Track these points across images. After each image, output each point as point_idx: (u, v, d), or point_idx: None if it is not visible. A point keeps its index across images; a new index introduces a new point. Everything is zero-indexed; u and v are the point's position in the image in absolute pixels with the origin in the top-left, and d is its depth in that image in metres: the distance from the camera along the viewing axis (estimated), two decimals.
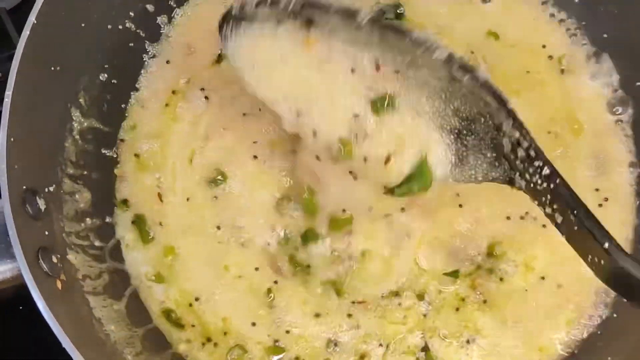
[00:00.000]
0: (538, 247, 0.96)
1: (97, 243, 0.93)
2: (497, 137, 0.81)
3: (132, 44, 1.03)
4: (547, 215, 0.79)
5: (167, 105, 1.03)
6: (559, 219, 0.77)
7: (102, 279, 0.91)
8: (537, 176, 0.78)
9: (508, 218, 0.98)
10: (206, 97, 1.03)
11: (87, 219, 0.93)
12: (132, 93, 1.04)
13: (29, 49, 0.84)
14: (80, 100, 0.95)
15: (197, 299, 0.95)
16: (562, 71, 1.04)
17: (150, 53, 1.05)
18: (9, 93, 0.81)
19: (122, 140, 1.02)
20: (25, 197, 0.82)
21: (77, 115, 0.95)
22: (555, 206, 0.77)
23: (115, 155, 1.01)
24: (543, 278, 0.96)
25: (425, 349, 0.94)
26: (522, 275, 0.96)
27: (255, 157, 1.00)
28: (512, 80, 1.02)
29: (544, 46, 1.06)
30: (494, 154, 0.82)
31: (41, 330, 0.84)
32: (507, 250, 0.96)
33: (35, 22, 0.84)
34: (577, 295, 0.96)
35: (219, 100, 1.04)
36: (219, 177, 0.99)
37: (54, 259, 0.83)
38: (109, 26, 0.99)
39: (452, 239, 0.97)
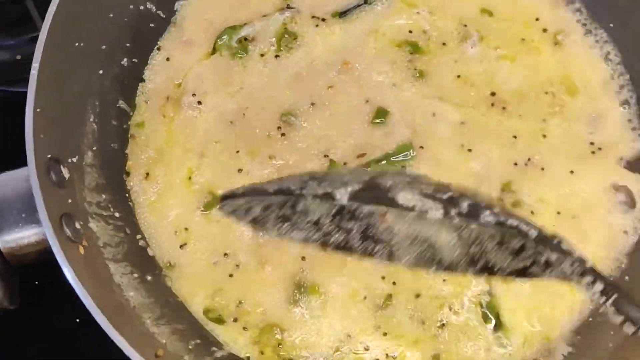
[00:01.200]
0: (546, 189, 1.00)
1: (116, 214, 0.96)
2: None
3: (153, 25, 1.07)
4: None
5: (164, 116, 1.05)
6: None
7: (122, 247, 0.93)
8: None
9: (515, 164, 1.01)
10: (199, 102, 1.05)
11: (107, 192, 0.96)
12: (139, 84, 1.07)
13: (55, 26, 0.87)
14: (102, 76, 0.98)
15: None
16: (556, 44, 1.08)
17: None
18: (35, 65, 0.85)
19: (132, 135, 1.05)
20: (50, 165, 0.85)
21: (99, 91, 0.98)
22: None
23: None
24: (559, 213, 0.99)
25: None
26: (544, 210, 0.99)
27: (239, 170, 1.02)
28: (507, 47, 1.07)
29: (537, 19, 1.09)
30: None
31: (62, 297, 0.88)
32: (520, 189, 0.99)
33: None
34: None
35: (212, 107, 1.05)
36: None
37: (77, 225, 0.86)
38: (131, 6, 1.03)
39: (466, 178, 1.00)
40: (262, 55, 1.07)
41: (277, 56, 1.07)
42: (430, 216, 0.68)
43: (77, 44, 0.92)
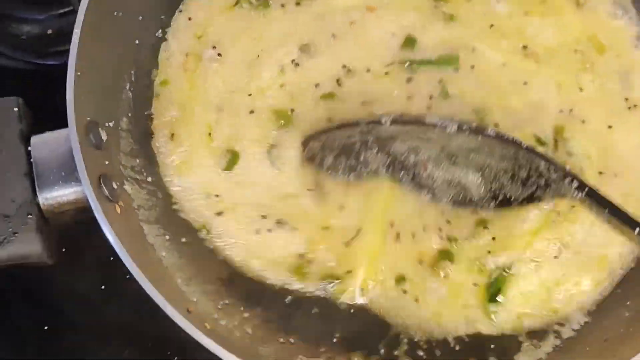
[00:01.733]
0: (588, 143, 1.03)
1: (149, 179, 0.99)
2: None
3: None
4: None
5: (185, 71, 1.06)
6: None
7: (155, 210, 0.96)
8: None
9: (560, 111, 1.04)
10: (219, 55, 1.06)
11: (141, 157, 1.00)
12: (161, 43, 1.07)
13: None
14: (138, 46, 1.02)
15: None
16: (578, 5, 1.10)
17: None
18: (77, 30, 0.87)
19: (156, 95, 1.05)
20: (89, 127, 0.88)
21: (134, 60, 1.01)
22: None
23: None
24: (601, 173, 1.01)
25: None
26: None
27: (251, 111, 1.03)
28: (529, 7, 1.09)
29: None
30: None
31: (97, 255, 0.92)
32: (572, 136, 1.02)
33: None
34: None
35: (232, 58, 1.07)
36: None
37: (114, 186, 0.89)
38: None
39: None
40: (282, 5, 1.08)
41: (297, 4, 1.09)
42: (447, 130, 0.94)
43: (115, 13, 0.95)
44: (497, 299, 0.96)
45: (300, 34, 1.06)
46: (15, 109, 0.90)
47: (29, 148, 0.88)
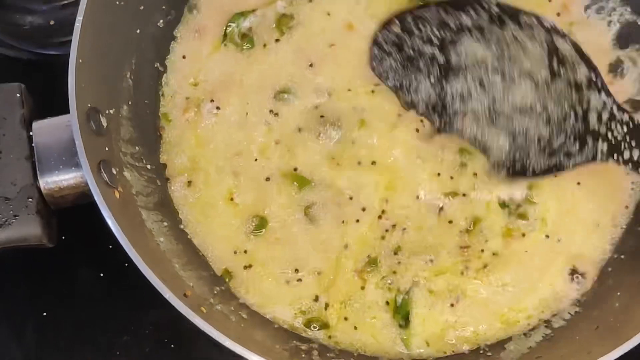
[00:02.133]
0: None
1: (148, 166, 1.01)
2: (583, 115, 0.96)
3: None
4: (625, 160, 0.93)
5: (187, 121, 1.07)
6: (637, 154, 0.93)
7: (153, 197, 0.98)
8: (618, 127, 0.94)
9: None
10: (218, 108, 1.06)
11: (140, 144, 1.01)
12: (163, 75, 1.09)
13: None
14: (140, 35, 1.03)
15: None
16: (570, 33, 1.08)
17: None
18: (80, 18, 0.89)
19: (162, 128, 1.07)
20: (90, 114, 0.89)
21: (136, 49, 1.02)
22: (635, 143, 0.93)
23: None
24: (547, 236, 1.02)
25: None
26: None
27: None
28: None
29: None
30: (579, 138, 0.96)
31: (95, 238, 0.93)
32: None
33: None
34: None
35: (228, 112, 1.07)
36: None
37: (114, 171, 0.90)
38: None
39: None
40: (264, 45, 1.09)
41: (277, 40, 1.09)
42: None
43: (117, 2, 0.96)
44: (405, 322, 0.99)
45: (277, 75, 1.07)
46: (18, 95, 0.92)
47: (31, 133, 0.90)
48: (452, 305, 0.99)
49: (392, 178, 1.02)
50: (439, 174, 1.02)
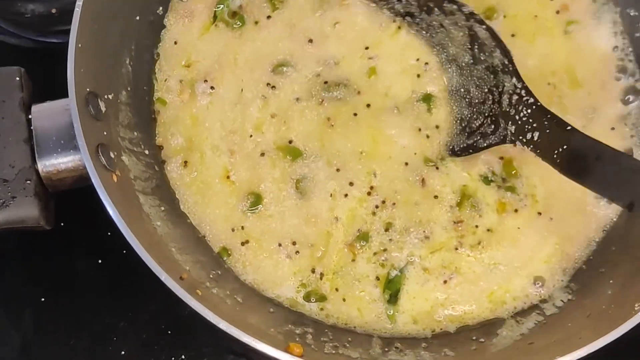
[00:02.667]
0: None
1: (146, 152, 1.02)
2: (499, 97, 1.01)
3: None
4: (527, 142, 0.96)
5: (182, 102, 1.08)
6: (536, 135, 0.96)
7: (151, 182, 0.99)
8: (524, 110, 0.98)
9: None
10: (212, 88, 1.08)
11: (138, 130, 1.02)
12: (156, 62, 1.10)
13: None
14: (139, 22, 1.03)
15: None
16: (566, 32, 1.10)
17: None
18: (79, 3, 0.89)
19: (157, 112, 1.07)
20: (88, 98, 0.90)
21: (135, 35, 1.03)
22: (535, 125, 0.96)
23: None
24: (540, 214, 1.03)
25: None
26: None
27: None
28: (522, 25, 1.10)
29: None
30: (493, 120, 1.01)
31: (93, 221, 0.94)
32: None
33: None
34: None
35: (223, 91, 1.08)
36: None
37: (112, 155, 0.91)
38: None
39: None
40: (256, 22, 1.10)
41: (268, 17, 1.10)
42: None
43: None
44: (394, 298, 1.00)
45: (272, 50, 1.09)
46: (17, 78, 0.92)
47: (30, 116, 0.91)
48: (445, 282, 1.00)
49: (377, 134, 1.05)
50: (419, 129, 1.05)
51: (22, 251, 1.12)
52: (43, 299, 1.11)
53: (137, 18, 1.03)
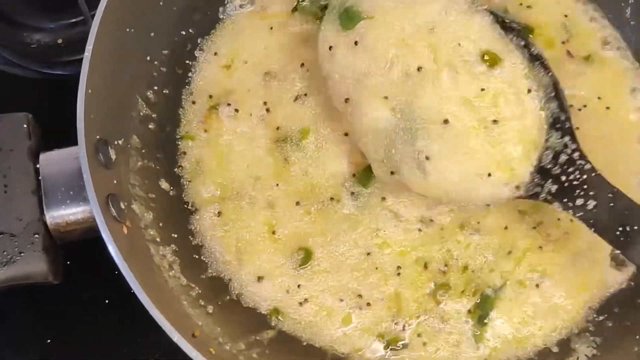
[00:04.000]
0: None
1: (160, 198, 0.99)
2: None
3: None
4: (575, 208, 0.89)
5: (205, 131, 1.06)
6: (591, 204, 0.88)
7: (162, 230, 0.96)
8: (576, 173, 0.89)
9: None
10: (236, 110, 1.06)
11: (150, 176, 0.99)
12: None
13: (109, 10, 0.89)
14: (150, 63, 1.01)
15: None
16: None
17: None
18: (89, 47, 0.87)
19: (184, 153, 1.06)
20: (98, 146, 0.87)
21: (146, 76, 1.01)
22: (591, 193, 0.88)
23: None
24: None
25: None
26: None
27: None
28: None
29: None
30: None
31: (103, 275, 0.91)
32: None
33: None
34: None
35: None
36: None
37: (122, 206, 0.88)
38: None
39: None
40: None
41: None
42: None
43: (128, 30, 0.94)
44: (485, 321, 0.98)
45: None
46: (25, 126, 0.90)
47: (37, 165, 0.88)
48: (537, 286, 0.99)
49: None
50: None
51: (28, 292, 1.08)
52: (49, 340, 1.08)
53: (148, 58, 1.01)
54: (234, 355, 0.89)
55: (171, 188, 1.02)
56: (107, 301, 1.09)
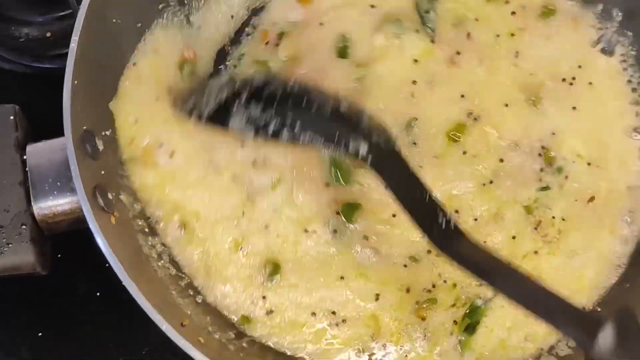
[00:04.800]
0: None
1: None
2: None
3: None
4: None
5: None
6: None
7: (150, 220, 0.96)
8: None
9: None
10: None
11: None
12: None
13: (94, 2, 0.88)
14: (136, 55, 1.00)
15: None
16: None
17: None
18: (75, 38, 0.86)
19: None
20: (85, 137, 0.87)
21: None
22: None
23: None
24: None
25: None
26: None
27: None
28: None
29: None
30: None
31: (92, 266, 0.91)
32: None
33: None
34: None
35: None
36: None
37: (110, 196, 0.88)
38: None
39: None
40: None
41: None
42: None
43: (114, 20, 0.94)
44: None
45: None
46: (12, 117, 0.90)
47: (24, 157, 0.88)
48: None
49: None
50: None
51: (19, 285, 1.09)
52: (40, 334, 1.08)
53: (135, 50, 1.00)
54: (223, 344, 0.89)
55: None
56: (97, 293, 1.08)
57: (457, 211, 0.98)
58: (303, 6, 1.08)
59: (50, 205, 0.86)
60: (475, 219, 0.98)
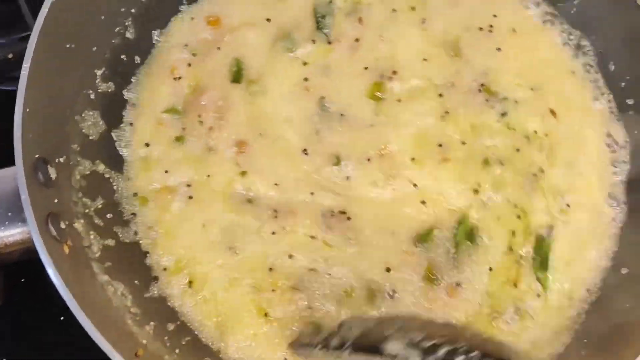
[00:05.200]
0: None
1: (107, 215, 0.97)
2: None
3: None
4: None
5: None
6: None
7: (105, 248, 0.94)
8: None
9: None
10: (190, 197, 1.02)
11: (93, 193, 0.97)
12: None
13: (47, 27, 0.88)
14: (92, 80, 1.00)
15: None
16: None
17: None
18: (26, 66, 0.85)
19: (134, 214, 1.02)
20: (37, 165, 0.86)
21: (87, 93, 0.99)
22: None
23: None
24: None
25: None
26: None
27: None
28: None
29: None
30: None
31: (46, 295, 0.89)
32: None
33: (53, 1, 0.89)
34: None
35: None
36: None
37: (62, 225, 0.87)
38: (122, 9, 1.04)
39: None
40: None
41: None
42: None
43: (67, 45, 0.93)
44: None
45: None
46: None
47: None
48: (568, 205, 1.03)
49: None
50: None
51: None
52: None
53: (95, 71, 1.00)
54: None
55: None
56: (53, 321, 1.06)
57: (440, 145, 1.03)
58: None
59: (2, 236, 0.84)
60: (464, 143, 1.03)
